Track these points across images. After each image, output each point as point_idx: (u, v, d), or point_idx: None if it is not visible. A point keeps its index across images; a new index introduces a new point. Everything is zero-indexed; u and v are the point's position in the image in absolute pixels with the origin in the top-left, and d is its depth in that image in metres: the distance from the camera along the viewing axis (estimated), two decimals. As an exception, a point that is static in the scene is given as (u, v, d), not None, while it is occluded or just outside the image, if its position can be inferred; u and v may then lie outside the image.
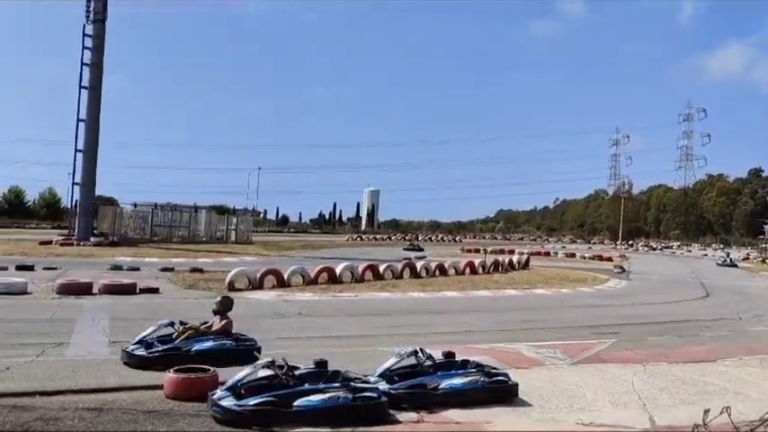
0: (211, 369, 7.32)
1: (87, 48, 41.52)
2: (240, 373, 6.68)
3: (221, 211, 66.58)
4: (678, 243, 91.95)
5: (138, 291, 16.67)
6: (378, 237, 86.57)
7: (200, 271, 23.30)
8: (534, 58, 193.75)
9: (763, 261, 52.80)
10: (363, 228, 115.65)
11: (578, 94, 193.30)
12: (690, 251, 77.78)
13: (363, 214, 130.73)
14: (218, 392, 6.55)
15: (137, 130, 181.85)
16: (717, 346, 12.62)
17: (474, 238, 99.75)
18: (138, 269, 22.98)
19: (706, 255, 68.91)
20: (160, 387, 7.22)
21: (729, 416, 1.16)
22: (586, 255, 54.26)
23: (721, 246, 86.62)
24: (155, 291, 17.10)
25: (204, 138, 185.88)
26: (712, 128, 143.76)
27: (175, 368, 7.27)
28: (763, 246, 69.68)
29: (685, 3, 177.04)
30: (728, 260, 47.27)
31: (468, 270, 28.76)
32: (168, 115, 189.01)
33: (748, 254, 65.37)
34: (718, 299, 23.17)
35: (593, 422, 7.00)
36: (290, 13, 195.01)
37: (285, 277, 20.31)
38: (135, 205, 52.06)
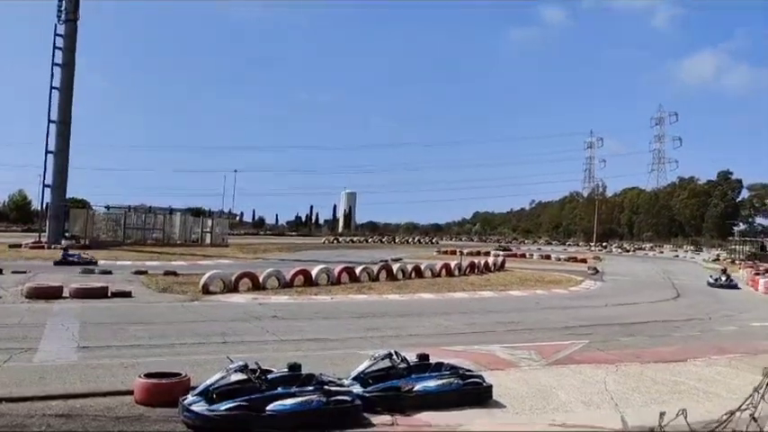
0: (183, 373, 7.23)
1: (59, 48, 40.92)
2: (212, 378, 6.60)
3: (196, 213, 65.99)
4: (651, 245, 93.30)
5: (109, 294, 16.40)
6: (355, 239, 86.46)
7: (175, 274, 23.02)
8: (512, 63, 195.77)
9: (733, 262, 53.84)
10: (340, 230, 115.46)
11: (554, 98, 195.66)
12: (662, 252, 79.00)
13: (340, 216, 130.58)
14: (190, 397, 6.46)
15: (110, 132, 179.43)
16: (687, 346, 12.82)
17: (451, 240, 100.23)
18: (110, 272, 22.64)
19: (677, 256, 70.13)
20: (130, 393, 7.10)
21: (686, 418, 1.18)
22: (561, 256, 54.84)
23: (692, 247, 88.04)
24: (127, 294, 16.83)
25: (179, 139, 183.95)
26: (684, 132, 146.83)
27: (146, 373, 7.16)
28: (733, 247, 70.99)
29: (659, 11, 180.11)
30: (724, 279, 30.19)
31: (444, 272, 28.85)
32: (142, 116, 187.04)
33: (718, 255, 66.66)
34: (688, 300, 23.55)
35: (565, 422, 7.05)
36: (267, 14, 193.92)
37: (261, 280, 20.17)
38: (108, 207, 51.39)
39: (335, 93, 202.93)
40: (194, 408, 6.28)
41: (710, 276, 31.37)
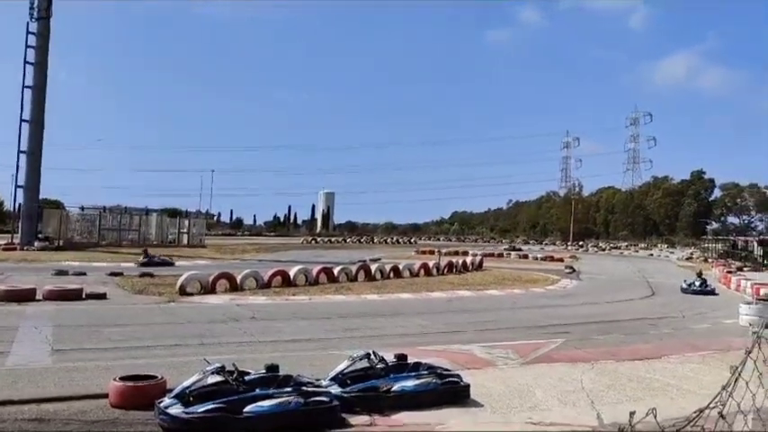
0: (159, 376, 7.15)
1: (31, 46, 40.24)
2: (188, 380, 6.54)
3: (173, 213, 65.39)
4: (626, 243, 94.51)
5: (84, 296, 16.19)
6: (333, 239, 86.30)
7: (151, 275, 22.77)
8: (490, 64, 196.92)
9: (706, 260, 54.77)
10: (318, 230, 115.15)
11: (531, 98, 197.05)
12: (637, 251, 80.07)
13: (318, 217, 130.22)
14: (166, 400, 6.39)
15: (85, 131, 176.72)
16: (661, 344, 13.02)
17: (429, 239, 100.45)
18: (84, 274, 22.33)
19: (652, 255, 71.18)
20: (105, 396, 7.01)
21: (655, 417, 1.21)
22: (538, 256, 55.32)
23: (666, 246, 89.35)
24: (102, 296, 16.61)
25: (156, 139, 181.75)
26: (658, 132, 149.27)
27: (121, 376, 7.08)
28: (705, 246, 72.22)
29: (635, 13, 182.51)
30: (699, 283, 25.91)
31: (422, 272, 28.94)
32: (118, 115, 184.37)
33: (692, 253, 67.79)
34: (663, 298, 23.90)
35: (542, 421, 7.12)
36: (245, 13, 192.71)
37: (238, 281, 20.04)
38: (82, 208, 50.65)
39: (314, 92, 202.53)
40: (170, 410, 6.22)
41: (684, 281, 26.88)
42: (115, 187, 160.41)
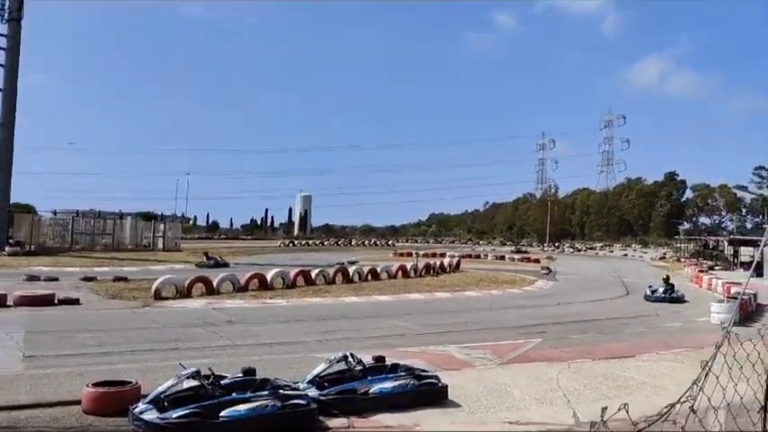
0: (133, 381, 7.05)
1: (2, 48, 39.47)
2: (163, 385, 6.46)
3: (148, 217, 64.54)
4: (601, 244, 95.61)
5: (56, 302, 15.91)
6: (310, 242, 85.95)
7: (125, 280, 22.47)
8: (468, 67, 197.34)
9: (678, 260, 55.64)
10: (296, 233, 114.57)
11: (508, 101, 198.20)
12: (611, 251, 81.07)
13: (296, 219, 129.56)
14: (140, 406, 6.30)
15: (57, 134, 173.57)
16: (636, 343, 13.20)
17: (407, 241, 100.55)
18: (56, 279, 21.93)
19: (626, 255, 72.15)
20: (78, 403, 6.90)
21: (627, 412, 1.23)
22: (515, 257, 55.71)
23: (640, 246, 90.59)
24: (75, 302, 16.33)
25: (130, 142, 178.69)
26: (632, 134, 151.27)
27: (94, 382, 6.97)
28: (678, 246, 73.36)
29: (608, 17, 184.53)
30: (662, 290, 22.78)
31: (400, 274, 28.98)
32: (91, 118, 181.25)
33: (665, 253, 68.81)
34: (637, 297, 24.16)
35: (519, 420, 7.16)
36: (222, 14, 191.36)
37: (215, 285, 19.86)
38: (55, 212, 49.84)
39: (290, 95, 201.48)
40: (145, 416, 6.13)
41: (649, 287, 23.31)
42: (88, 191, 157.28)
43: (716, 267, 42.01)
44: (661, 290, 22.76)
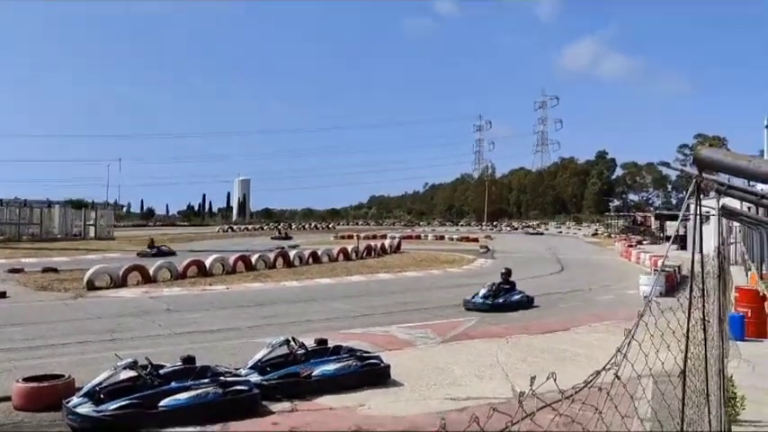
0: (66, 375, 6.83)
1: None
2: (99, 377, 6.29)
3: (78, 205, 62.08)
4: (537, 222, 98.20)
5: (-20, 296, 15.16)
6: (250, 227, 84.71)
7: (55, 270, 21.61)
8: (406, 50, 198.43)
9: (609, 236, 57.83)
10: (235, 218, 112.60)
11: (446, 84, 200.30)
12: (547, 229, 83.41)
13: (234, 205, 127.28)
14: (75, 399, 6.12)
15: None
16: (570, 316, 13.72)
17: (348, 224, 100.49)
18: (-20, 272, 20.87)
19: (561, 232, 74.42)
20: (8, 399, 6.64)
21: (555, 381, 1.28)
22: (454, 237, 56.56)
23: (574, 223, 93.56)
24: (2, 295, 15.60)
25: (59, 128, 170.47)
26: (564, 114, 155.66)
27: (24, 377, 6.71)
28: (609, 222, 76.13)
29: (545, 2, 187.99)
30: (486, 296, 14.80)
31: (341, 256, 29.01)
32: (17, 103, 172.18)
33: (596, 230, 71.35)
34: (571, 272, 25.07)
35: (459, 396, 7.35)
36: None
37: (151, 273, 19.36)
38: (-24, 202, 47.24)
39: (227, 78, 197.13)
40: (79, 410, 5.96)
41: (476, 293, 15.29)
42: (12, 180, 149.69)
43: (644, 242, 43.90)
44: (482, 292, 15.14)
